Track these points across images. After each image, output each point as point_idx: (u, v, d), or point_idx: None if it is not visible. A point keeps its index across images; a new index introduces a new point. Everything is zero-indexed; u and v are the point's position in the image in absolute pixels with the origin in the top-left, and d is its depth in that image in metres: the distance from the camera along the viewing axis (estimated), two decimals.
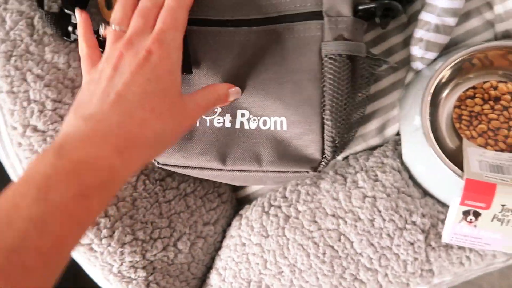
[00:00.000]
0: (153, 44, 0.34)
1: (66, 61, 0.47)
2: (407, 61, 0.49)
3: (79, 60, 0.49)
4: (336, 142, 0.40)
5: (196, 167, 0.41)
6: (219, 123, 0.40)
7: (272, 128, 0.40)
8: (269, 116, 0.40)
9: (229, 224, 0.53)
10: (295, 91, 0.39)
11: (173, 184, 0.49)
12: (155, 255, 0.48)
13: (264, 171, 0.40)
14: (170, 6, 0.36)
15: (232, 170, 0.40)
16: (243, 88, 0.40)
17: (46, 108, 0.45)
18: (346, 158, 0.51)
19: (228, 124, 0.40)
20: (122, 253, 0.46)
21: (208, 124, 0.41)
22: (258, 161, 0.40)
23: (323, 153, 0.39)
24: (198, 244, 0.51)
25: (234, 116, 0.40)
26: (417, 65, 0.46)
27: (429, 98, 0.42)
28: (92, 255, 0.46)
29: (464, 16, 0.47)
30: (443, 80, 0.44)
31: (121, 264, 0.47)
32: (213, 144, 0.40)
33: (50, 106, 0.45)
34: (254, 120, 0.40)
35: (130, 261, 0.47)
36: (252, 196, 0.54)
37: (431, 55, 0.45)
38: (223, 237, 0.53)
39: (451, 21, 0.43)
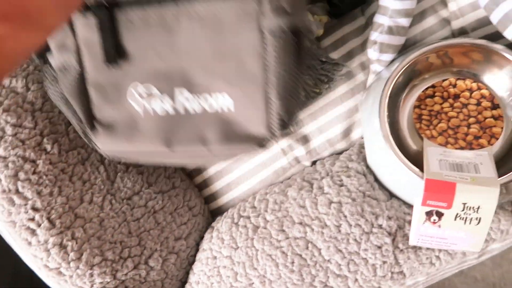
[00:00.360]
0: None
1: (24, 85, 0.47)
2: (367, 64, 0.49)
3: (38, 82, 0.48)
4: (284, 118, 0.39)
5: (143, 151, 0.42)
6: (162, 111, 0.40)
7: (220, 111, 0.39)
8: (210, 93, 0.39)
9: (202, 237, 0.52)
10: (238, 69, 0.38)
11: (140, 202, 0.49)
12: (126, 274, 0.47)
13: (211, 151, 0.40)
14: None
15: (179, 151, 0.40)
16: (180, 67, 0.39)
17: (6, 134, 0.45)
18: (314, 163, 0.51)
19: (172, 111, 0.40)
20: (91, 275, 0.46)
21: (152, 114, 0.40)
22: (204, 143, 0.40)
23: (270, 129, 0.39)
24: (171, 260, 0.50)
25: (172, 98, 0.40)
26: (375, 67, 0.46)
27: (386, 100, 0.42)
28: (62, 279, 0.46)
29: (419, 15, 0.47)
30: (402, 81, 0.44)
31: (92, 286, 0.46)
32: (159, 131, 0.40)
33: (10, 131, 0.45)
34: (195, 98, 0.39)
35: (101, 282, 0.46)
36: (224, 207, 0.54)
37: (387, 56, 0.45)
38: (197, 250, 0.52)
39: (404, 21, 0.43)
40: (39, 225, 0.45)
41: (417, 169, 0.40)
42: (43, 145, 0.47)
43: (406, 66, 0.43)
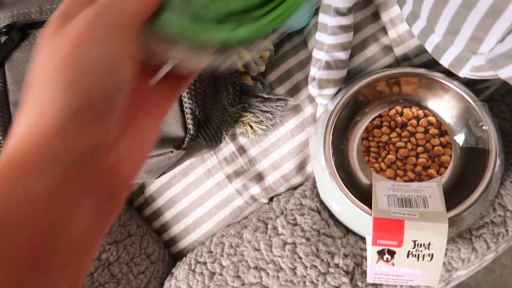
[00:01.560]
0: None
1: None
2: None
3: None
4: (198, 115, 0.39)
5: None
6: None
7: None
8: None
9: (162, 284, 0.51)
10: None
11: None
12: None
13: None
14: None
15: None
16: None
17: None
18: (271, 199, 0.50)
19: None
20: None
21: None
22: None
23: (186, 129, 0.39)
24: None
25: None
26: (320, 101, 0.45)
27: (330, 137, 0.41)
28: None
29: (361, 44, 0.46)
30: (347, 113, 0.43)
31: None
32: None
33: None
34: None
35: None
36: (184, 250, 0.52)
37: (328, 91, 0.44)
38: None
39: (341, 55, 0.43)
40: None
41: (366, 207, 0.39)
42: None
43: (350, 99, 0.42)
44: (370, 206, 0.39)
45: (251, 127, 0.47)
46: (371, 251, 0.38)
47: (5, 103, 0.42)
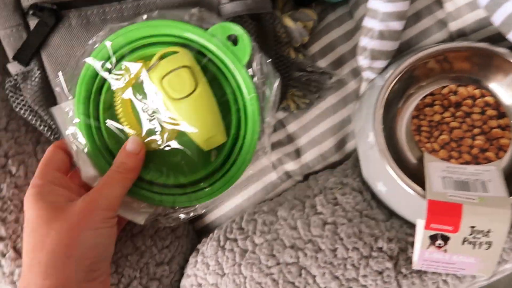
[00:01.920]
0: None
1: None
2: (359, 70, 0.45)
3: (2, 100, 0.44)
4: None
5: None
6: None
7: None
8: None
9: (186, 261, 0.48)
10: None
11: None
12: None
13: None
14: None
15: None
16: None
17: None
18: (306, 178, 0.47)
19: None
20: None
21: None
22: None
23: None
24: (152, 287, 0.46)
25: None
26: (368, 74, 0.42)
27: (381, 112, 0.39)
28: None
29: (414, 16, 0.43)
30: (397, 89, 0.41)
31: None
32: None
33: None
34: None
35: None
36: (210, 226, 0.50)
37: (379, 63, 0.41)
38: (181, 275, 0.48)
39: (396, 25, 0.40)
40: (3, 255, 0.41)
41: (418, 188, 0.36)
42: (7, 167, 0.42)
43: (401, 73, 0.40)
44: (422, 188, 0.36)
45: (294, 101, 0.44)
46: (422, 236, 0.35)
47: (49, 89, 0.39)
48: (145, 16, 0.35)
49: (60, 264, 0.31)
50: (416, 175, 0.38)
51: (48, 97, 0.39)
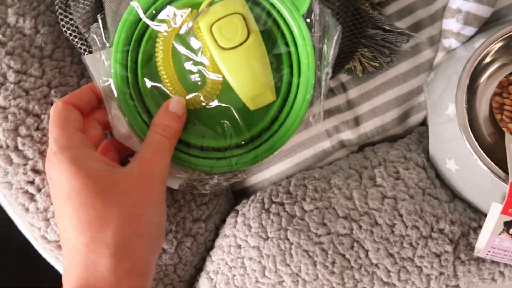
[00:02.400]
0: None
1: (33, 26, 0.40)
2: (437, 38, 0.42)
3: (50, 25, 0.41)
4: None
5: None
6: None
7: None
8: None
9: (223, 221, 0.46)
10: None
11: None
12: None
13: None
14: None
15: None
16: None
17: (8, 80, 0.38)
18: (361, 149, 0.44)
19: None
20: None
21: None
22: None
23: None
24: (186, 243, 0.44)
25: None
26: (451, 42, 0.39)
27: (466, 83, 0.35)
28: (61, 253, 0.40)
29: None
30: (484, 62, 0.37)
31: None
32: None
33: (13, 78, 0.38)
34: None
35: None
36: (251, 189, 0.47)
37: (470, 30, 0.37)
38: (216, 235, 0.46)
39: None
40: (39, 190, 0.39)
41: (499, 170, 0.33)
42: (50, 97, 0.40)
43: (493, 44, 0.36)
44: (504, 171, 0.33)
45: (361, 63, 0.40)
46: (495, 221, 0.33)
47: (100, 12, 0.36)
48: None
49: (132, 246, 0.28)
50: (488, 155, 0.35)
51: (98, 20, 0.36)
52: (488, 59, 0.37)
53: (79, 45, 0.38)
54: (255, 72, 0.31)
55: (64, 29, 0.37)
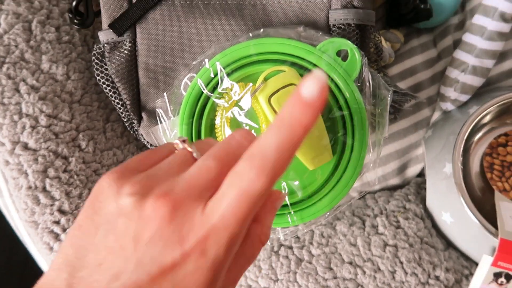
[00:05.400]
0: (195, 248, 0.20)
1: (65, 72, 0.43)
2: (434, 99, 0.46)
3: (80, 72, 0.44)
4: None
5: None
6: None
7: None
8: None
9: None
10: None
11: None
12: None
13: None
14: (244, 189, 0.20)
15: None
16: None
17: (40, 124, 0.41)
18: (363, 197, 0.48)
19: None
20: None
21: None
22: None
23: None
24: None
25: None
26: (447, 105, 0.43)
27: (462, 145, 0.39)
28: None
29: (499, 57, 0.44)
30: (477, 125, 0.41)
31: None
32: None
33: (44, 122, 0.41)
34: None
35: None
36: None
37: (465, 97, 0.42)
38: None
39: (489, 63, 0.41)
40: (64, 230, 0.41)
41: (490, 225, 0.37)
42: (77, 141, 0.42)
43: (485, 111, 0.40)
44: (493, 226, 0.37)
45: (370, 118, 0.44)
46: (486, 272, 0.36)
47: (134, 65, 0.39)
48: (251, 34, 0.35)
49: None
50: (479, 208, 0.39)
51: (131, 72, 0.39)
52: (480, 123, 0.42)
53: (110, 93, 0.40)
54: (312, 136, 0.33)
55: (98, 78, 0.40)
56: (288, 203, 0.35)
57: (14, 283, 0.61)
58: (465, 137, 0.39)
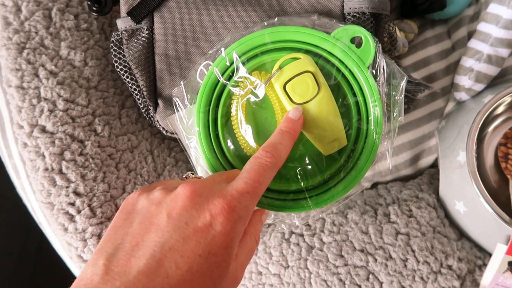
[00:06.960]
0: (222, 210, 0.26)
1: (83, 59, 0.43)
2: (448, 90, 0.46)
3: (97, 58, 0.45)
4: None
5: None
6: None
7: None
8: None
9: None
10: None
11: None
12: None
13: None
14: (261, 164, 0.29)
15: None
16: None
17: (57, 108, 0.41)
18: (375, 186, 0.48)
19: None
20: None
21: None
22: None
23: None
24: None
25: None
26: (461, 95, 0.43)
27: (476, 134, 0.39)
28: None
29: None
30: (491, 115, 0.41)
31: None
32: None
33: (62, 106, 0.41)
34: None
35: None
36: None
37: (480, 86, 0.42)
38: None
39: (504, 52, 0.40)
40: (79, 212, 0.41)
41: (504, 214, 0.37)
42: (93, 125, 0.43)
43: (500, 100, 0.40)
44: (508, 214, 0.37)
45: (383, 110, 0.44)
46: (500, 260, 0.36)
47: (151, 52, 0.40)
48: (266, 23, 0.35)
49: None
50: (495, 200, 0.38)
51: (148, 59, 0.40)
52: (494, 113, 0.41)
53: (127, 80, 0.41)
54: (327, 122, 0.33)
55: (116, 64, 0.41)
56: (304, 189, 0.35)
57: (28, 270, 0.62)
58: (479, 126, 0.39)
